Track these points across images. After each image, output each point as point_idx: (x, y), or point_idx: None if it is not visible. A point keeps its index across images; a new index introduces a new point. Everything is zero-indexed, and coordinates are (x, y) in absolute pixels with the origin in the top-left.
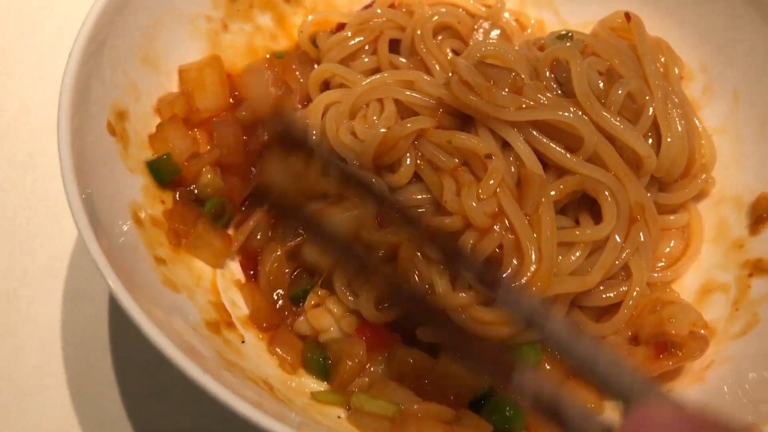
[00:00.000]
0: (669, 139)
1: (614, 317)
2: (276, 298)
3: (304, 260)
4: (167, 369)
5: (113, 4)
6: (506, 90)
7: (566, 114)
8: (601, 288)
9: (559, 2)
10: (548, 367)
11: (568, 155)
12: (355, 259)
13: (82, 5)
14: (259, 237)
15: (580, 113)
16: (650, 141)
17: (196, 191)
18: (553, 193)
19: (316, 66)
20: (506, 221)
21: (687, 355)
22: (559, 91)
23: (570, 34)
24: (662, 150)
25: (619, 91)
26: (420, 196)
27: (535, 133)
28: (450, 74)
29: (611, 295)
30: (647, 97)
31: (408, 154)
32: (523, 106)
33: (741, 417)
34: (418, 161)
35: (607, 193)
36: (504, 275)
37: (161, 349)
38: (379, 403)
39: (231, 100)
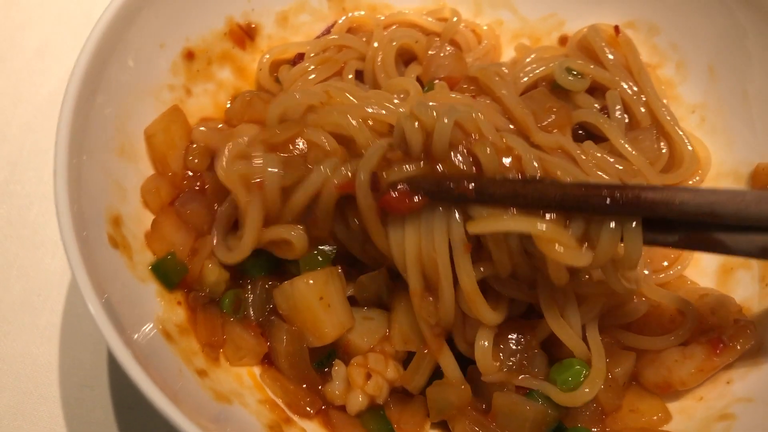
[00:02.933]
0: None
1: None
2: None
3: None
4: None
5: (81, 109)
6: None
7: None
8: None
9: (519, 1)
10: None
11: None
12: None
13: (58, 27)
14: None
15: None
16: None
17: (207, 290)
18: None
19: None
20: None
21: (744, 345)
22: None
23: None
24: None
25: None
26: None
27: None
28: None
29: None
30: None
31: None
32: None
33: None
34: None
35: None
36: None
37: None
38: None
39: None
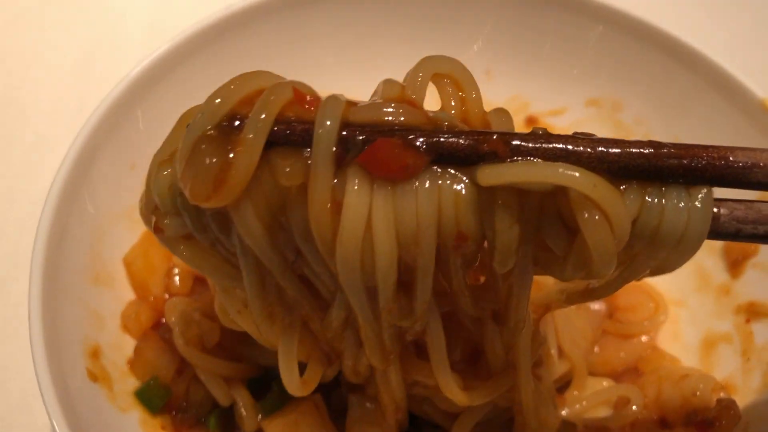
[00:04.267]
0: None
1: None
2: None
3: None
4: None
5: (53, 243)
6: None
7: None
8: None
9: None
10: None
11: None
12: None
13: (53, 119)
14: None
15: None
16: None
17: (194, 411)
18: None
19: None
20: None
21: (729, 426)
22: None
23: None
24: None
25: None
26: None
27: None
28: None
29: None
30: None
31: None
32: None
33: None
34: None
35: None
36: None
37: None
38: None
39: None
